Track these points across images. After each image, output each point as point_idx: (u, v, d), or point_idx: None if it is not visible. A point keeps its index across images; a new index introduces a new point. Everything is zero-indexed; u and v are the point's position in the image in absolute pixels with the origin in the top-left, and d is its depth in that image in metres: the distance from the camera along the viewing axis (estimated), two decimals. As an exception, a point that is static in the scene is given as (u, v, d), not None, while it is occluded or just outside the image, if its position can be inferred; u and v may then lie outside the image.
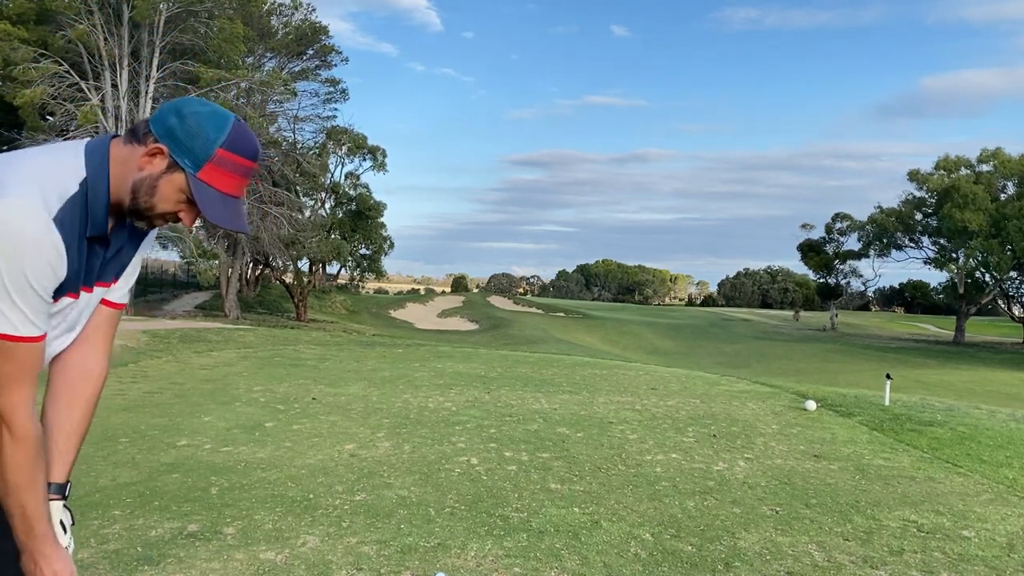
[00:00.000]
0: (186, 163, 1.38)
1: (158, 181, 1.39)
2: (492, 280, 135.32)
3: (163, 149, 1.37)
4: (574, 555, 3.47)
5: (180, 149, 1.37)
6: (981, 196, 44.65)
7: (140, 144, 1.38)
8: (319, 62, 33.50)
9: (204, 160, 1.38)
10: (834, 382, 19.05)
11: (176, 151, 1.37)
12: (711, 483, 4.85)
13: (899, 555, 3.64)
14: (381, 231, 38.81)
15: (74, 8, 22.38)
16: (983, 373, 32.06)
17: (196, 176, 1.38)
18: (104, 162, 1.39)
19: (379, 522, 3.81)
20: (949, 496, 4.75)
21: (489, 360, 12.76)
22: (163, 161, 1.38)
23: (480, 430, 6.26)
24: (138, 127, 1.40)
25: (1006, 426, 7.45)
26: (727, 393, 9.36)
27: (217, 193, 1.40)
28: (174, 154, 1.37)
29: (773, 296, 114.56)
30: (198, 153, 1.38)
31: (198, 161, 1.38)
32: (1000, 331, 59.08)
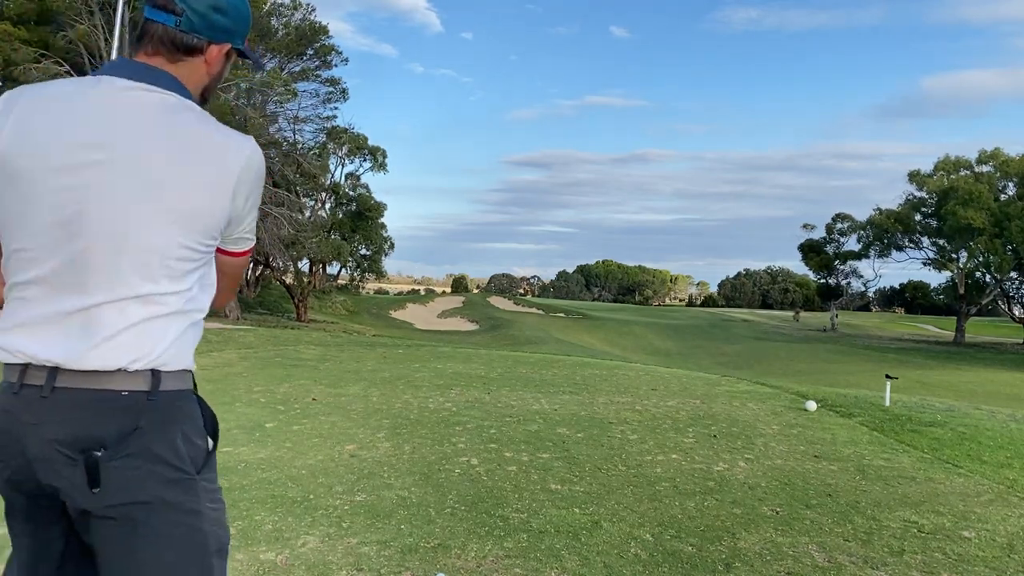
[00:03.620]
0: (238, 43, 1.57)
1: (225, 67, 1.58)
2: (492, 280, 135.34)
3: (229, 46, 1.54)
4: (574, 556, 3.47)
5: (238, 38, 1.56)
6: (984, 195, 44.67)
7: (199, 54, 1.49)
8: (319, 62, 33.51)
9: (248, 31, 1.60)
10: (834, 383, 19.06)
11: (237, 42, 1.56)
12: (711, 484, 4.85)
13: (899, 556, 3.64)
14: (381, 231, 38.83)
15: (75, 8, 22.40)
16: (984, 374, 32.05)
17: (246, 46, 1.60)
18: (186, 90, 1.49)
19: (379, 522, 3.81)
20: (950, 497, 4.74)
21: (489, 361, 12.76)
22: (225, 57, 1.55)
23: (480, 431, 6.26)
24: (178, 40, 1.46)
25: (1006, 427, 7.45)
26: (727, 394, 9.36)
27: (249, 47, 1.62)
28: (236, 45, 1.56)
29: (773, 297, 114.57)
30: (244, 30, 1.58)
31: (245, 35, 1.59)
32: (1000, 332, 59.07)
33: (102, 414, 1.37)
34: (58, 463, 1.36)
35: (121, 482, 1.36)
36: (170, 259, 1.40)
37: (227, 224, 1.47)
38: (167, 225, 1.38)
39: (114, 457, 1.36)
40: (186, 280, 1.44)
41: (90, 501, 1.36)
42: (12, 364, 1.39)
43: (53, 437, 1.35)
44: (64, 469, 1.36)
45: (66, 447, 1.35)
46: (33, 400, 1.37)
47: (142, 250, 1.38)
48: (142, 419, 1.38)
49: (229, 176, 1.42)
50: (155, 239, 1.38)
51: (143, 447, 1.38)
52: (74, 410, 1.36)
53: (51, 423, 1.36)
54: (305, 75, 33.25)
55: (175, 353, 1.43)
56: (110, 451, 1.35)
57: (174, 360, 1.43)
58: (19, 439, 1.37)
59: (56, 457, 1.36)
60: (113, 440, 1.36)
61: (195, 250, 1.43)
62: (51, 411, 1.36)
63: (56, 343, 1.37)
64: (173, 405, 1.44)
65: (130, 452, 1.37)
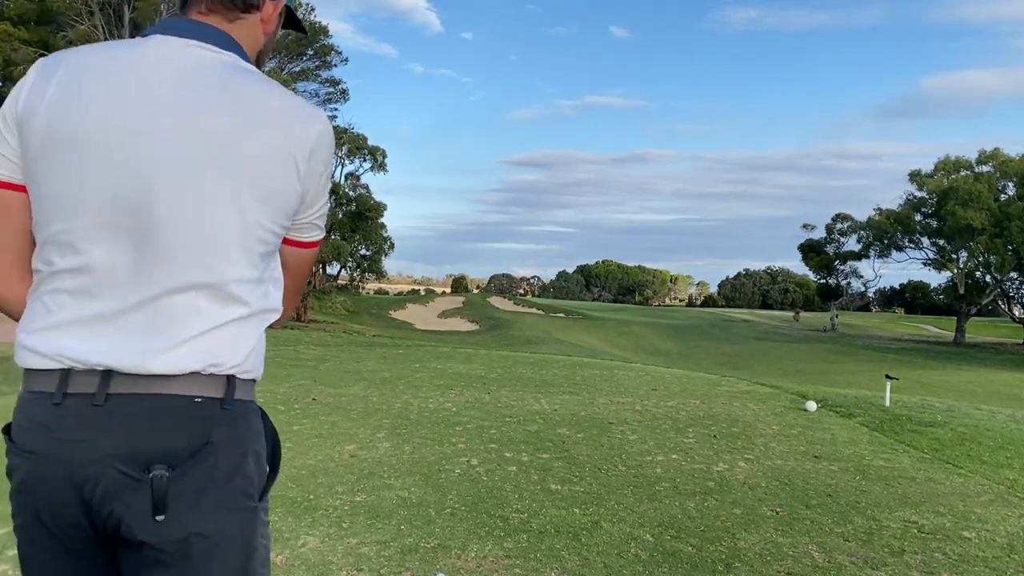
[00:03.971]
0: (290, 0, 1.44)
1: (279, 27, 1.42)
2: (492, 281, 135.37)
3: (283, 2, 1.40)
4: (574, 556, 3.47)
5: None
6: (984, 195, 44.68)
7: (255, 11, 1.33)
8: (319, 62, 33.55)
9: None
10: (834, 383, 19.06)
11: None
12: (711, 484, 4.84)
13: (899, 556, 3.64)
14: (381, 232, 38.83)
15: (75, 9, 22.41)
16: (984, 374, 32.06)
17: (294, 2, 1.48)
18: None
19: (379, 523, 3.81)
20: (949, 497, 4.74)
21: (489, 361, 12.76)
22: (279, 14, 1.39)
23: (480, 431, 6.26)
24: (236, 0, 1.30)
25: (1006, 427, 7.45)
26: (727, 394, 9.36)
27: None
28: (288, 2, 1.42)
29: (773, 297, 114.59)
30: None
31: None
32: (1000, 332, 59.08)
33: (170, 425, 1.15)
34: (117, 485, 1.12)
35: (187, 508, 1.15)
36: (247, 241, 1.20)
37: (299, 204, 1.27)
38: (241, 200, 1.18)
39: (183, 477, 1.14)
40: (261, 269, 1.24)
41: (150, 531, 1.13)
42: (47, 370, 1.15)
43: (111, 452, 1.12)
44: (124, 492, 1.13)
45: (127, 464, 1.12)
46: (83, 411, 1.13)
47: (215, 230, 1.17)
48: (214, 432, 1.17)
49: (302, 147, 1.23)
50: (230, 217, 1.17)
51: (213, 466, 1.17)
52: (137, 420, 1.14)
53: (108, 436, 1.13)
54: (305, 75, 33.28)
55: (253, 357, 1.24)
56: (179, 469, 1.14)
57: (251, 365, 1.23)
58: (63, 461, 1.13)
59: (115, 477, 1.12)
60: (182, 456, 1.14)
61: (271, 231, 1.23)
62: (106, 422, 1.13)
63: (111, 343, 1.15)
64: (245, 418, 1.23)
65: (199, 471, 1.15)
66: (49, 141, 1.15)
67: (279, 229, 1.25)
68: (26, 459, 1.16)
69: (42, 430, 1.15)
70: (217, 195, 1.16)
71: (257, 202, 1.19)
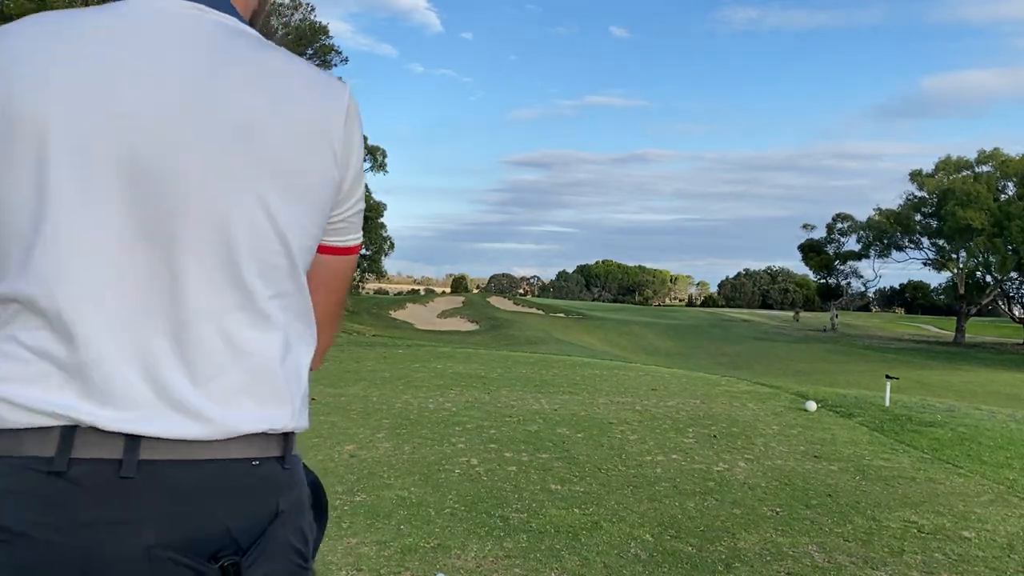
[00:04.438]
0: None
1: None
2: (492, 280, 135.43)
3: None
4: (574, 556, 3.47)
5: None
6: (983, 195, 44.71)
7: None
8: (319, 62, 33.53)
9: None
10: (834, 383, 19.06)
11: None
12: (711, 484, 4.84)
13: (899, 556, 3.64)
14: (381, 231, 38.87)
15: (74, 8, 22.41)
16: (984, 374, 32.06)
17: None
18: None
19: (379, 523, 3.80)
20: (949, 497, 4.74)
21: (489, 361, 12.76)
22: None
23: (480, 431, 6.26)
24: None
25: (1006, 427, 7.45)
26: (727, 394, 9.36)
27: None
28: None
29: (773, 297, 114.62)
30: None
31: None
32: (1001, 332, 59.08)
33: (231, 498, 0.88)
34: None
35: None
36: (291, 248, 0.93)
37: (336, 195, 0.99)
38: (278, 194, 0.90)
39: (258, 561, 0.87)
40: (304, 283, 0.98)
41: None
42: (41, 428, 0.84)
43: (156, 542, 0.83)
44: None
45: (186, 554, 0.83)
46: (104, 484, 0.83)
47: (254, 234, 0.89)
48: (281, 499, 0.92)
49: (332, 124, 0.97)
50: (267, 216, 0.90)
51: (283, 541, 0.91)
52: (186, 497, 0.85)
53: (148, 519, 0.83)
54: (305, 75, 33.21)
55: (306, 401, 0.99)
56: (252, 554, 0.87)
57: (305, 407, 0.99)
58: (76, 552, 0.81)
59: (164, 571, 0.83)
60: (248, 535, 0.88)
61: (312, 234, 0.97)
62: (140, 500, 0.83)
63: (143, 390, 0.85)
64: (300, 474, 0.99)
65: (271, 552, 0.89)
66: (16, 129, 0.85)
67: (319, 231, 0.99)
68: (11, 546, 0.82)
69: (37, 508, 0.82)
70: (254, 191, 0.89)
71: (297, 198, 0.93)
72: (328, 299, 1.08)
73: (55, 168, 0.84)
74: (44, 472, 0.82)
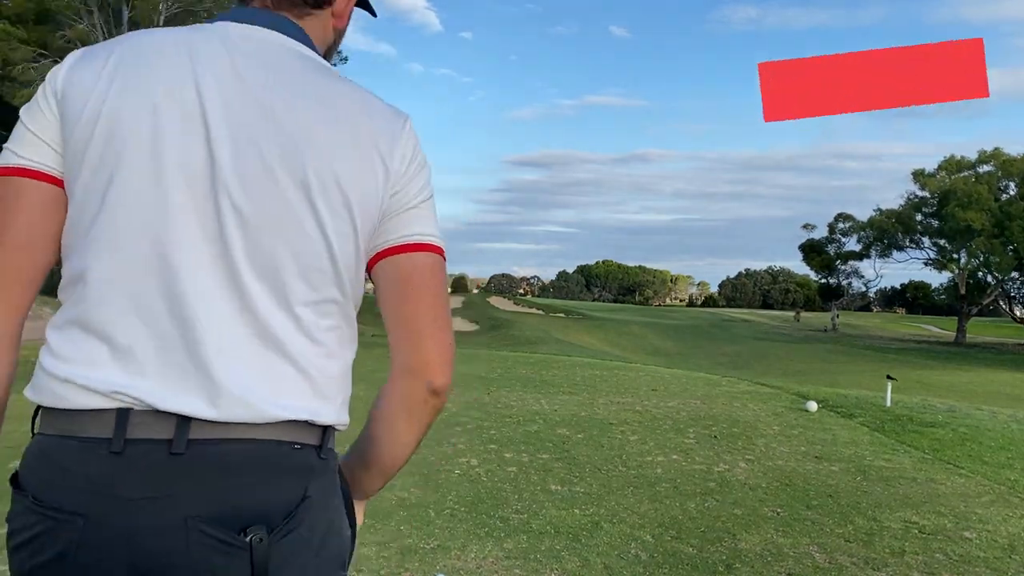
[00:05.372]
0: None
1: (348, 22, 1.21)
2: (492, 281, 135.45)
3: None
4: (574, 557, 3.46)
5: None
6: (984, 196, 44.70)
7: (326, 5, 1.12)
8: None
9: None
10: (835, 383, 19.04)
11: None
12: (712, 484, 4.83)
13: (900, 556, 3.63)
14: (381, 232, 38.86)
15: (73, 8, 22.42)
16: (985, 374, 32.04)
17: None
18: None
19: (379, 523, 3.80)
20: (950, 497, 4.73)
21: (489, 361, 12.75)
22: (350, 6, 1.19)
23: (480, 431, 6.25)
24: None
25: (1008, 427, 7.44)
26: (728, 394, 9.35)
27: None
28: None
29: (774, 297, 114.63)
30: None
31: None
32: (1002, 332, 59.08)
33: (266, 476, 0.94)
34: (201, 551, 0.89)
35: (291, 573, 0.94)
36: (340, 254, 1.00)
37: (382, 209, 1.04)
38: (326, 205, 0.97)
39: (282, 540, 0.93)
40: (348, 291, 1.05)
41: None
42: (99, 410, 0.91)
43: (195, 513, 0.89)
44: (211, 560, 0.90)
45: (218, 527, 0.90)
46: (154, 463, 0.90)
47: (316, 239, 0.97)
48: (311, 485, 0.97)
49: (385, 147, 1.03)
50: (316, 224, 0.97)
51: (310, 527, 0.96)
52: (226, 473, 0.92)
53: (190, 494, 0.90)
54: (305, 75, 33.25)
55: (344, 396, 1.06)
56: (278, 531, 0.93)
57: (344, 406, 1.06)
58: (125, 528, 0.89)
59: (198, 542, 0.89)
60: (279, 514, 0.93)
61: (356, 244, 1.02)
62: (186, 476, 0.90)
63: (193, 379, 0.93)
64: (335, 469, 1.04)
65: (297, 533, 0.95)
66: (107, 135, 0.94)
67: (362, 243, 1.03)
68: (67, 524, 0.89)
69: (89, 486, 0.90)
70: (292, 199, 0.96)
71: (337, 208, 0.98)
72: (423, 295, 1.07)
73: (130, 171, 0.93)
74: (104, 452, 0.90)
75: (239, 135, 0.96)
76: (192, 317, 0.93)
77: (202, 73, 0.97)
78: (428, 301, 1.08)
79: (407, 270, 1.07)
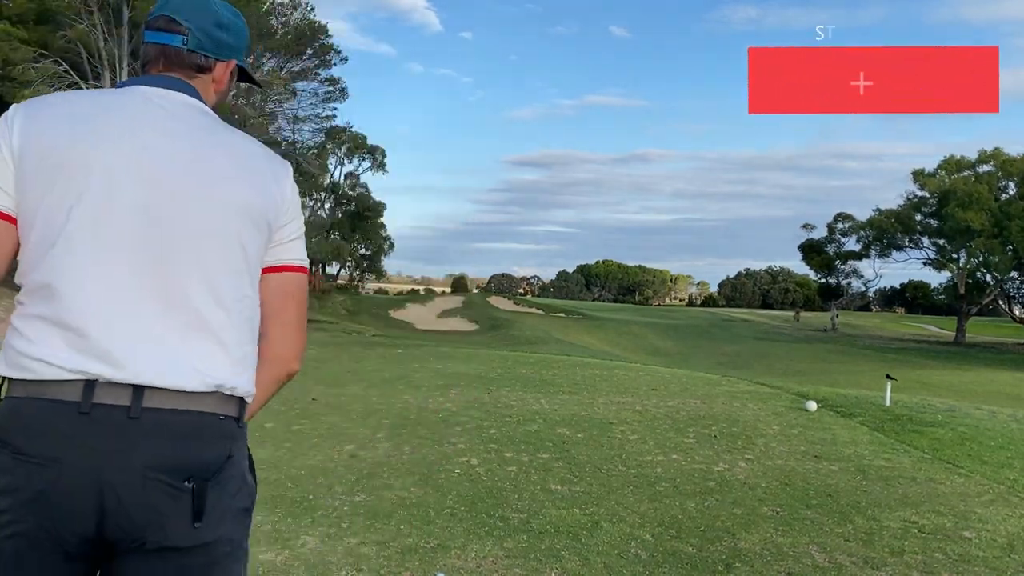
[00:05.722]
0: (240, 60, 1.53)
1: (230, 85, 1.53)
2: (492, 280, 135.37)
3: (234, 63, 1.51)
4: (574, 556, 3.46)
5: (240, 54, 1.53)
6: (984, 196, 44.68)
7: (208, 71, 1.45)
8: (318, 61, 33.52)
9: (248, 46, 1.58)
10: (835, 383, 19.04)
11: (239, 58, 1.53)
12: (712, 484, 4.84)
13: (900, 556, 3.63)
14: (381, 231, 38.90)
15: (74, 8, 22.40)
16: (984, 374, 32.05)
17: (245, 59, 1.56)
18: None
19: (379, 523, 3.80)
20: (950, 497, 4.74)
21: (489, 361, 12.75)
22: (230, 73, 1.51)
23: (480, 431, 6.25)
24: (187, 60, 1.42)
25: (1007, 427, 7.44)
26: (728, 394, 9.36)
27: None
28: (240, 62, 1.52)
29: (774, 296, 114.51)
30: (245, 46, 1.55)
31: (245, 52, 1.56)
32: (1001, 332, 59.04)
33: (204, 438, 1.24)
34: (155, 494, 1.18)
35: (216, 516, 1.24)
36: (248, 261, 1.33)
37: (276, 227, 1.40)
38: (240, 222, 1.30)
39: (215, 488, 1.23)
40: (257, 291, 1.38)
41: (187, 536, 1.21)
42: (68, 380, 1.18)
43: (150, 464, 1.18)
44: (162, 500, 1.19)
45: (167, 474, 1.19)
46: (115, 423, 1.18)
47: (229, 248, 1.30)
48: (234, 447, 1.29)
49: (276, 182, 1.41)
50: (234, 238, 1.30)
51: (230, 478, 1.27)
52: (173, 434, 1.21)
53: (146, 448, 1.18)
54: (304, 74, 33.25)
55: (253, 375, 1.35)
56: (212, 481, 1.23)
57: (253, 383, 1.35)
58: (91, 472, 1.16)
59: (153, 487, 1.18)
60: (212, 468, 1.24)
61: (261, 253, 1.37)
62: (143, 435, 1.19)
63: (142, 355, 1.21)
64: (246, 436, 1.36)
65: (223, 482, 1.25)
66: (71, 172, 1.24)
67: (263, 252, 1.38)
68: (45, 468, 1.16)
69: (63, 439, 1.17)
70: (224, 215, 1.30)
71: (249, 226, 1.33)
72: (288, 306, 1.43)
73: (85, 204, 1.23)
74: (72, 413, 1.17)
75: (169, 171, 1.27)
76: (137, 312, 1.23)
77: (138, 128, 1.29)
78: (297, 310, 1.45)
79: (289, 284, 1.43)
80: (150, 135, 1.29)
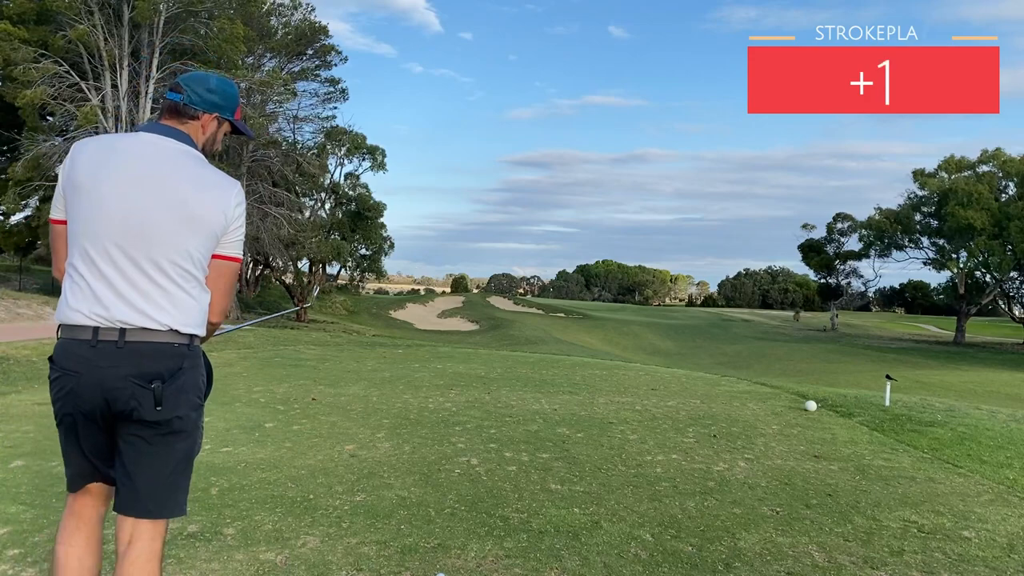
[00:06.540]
0: (226, 115, 2.32)
1: (218, 134, 2.35)
2: (492, 280, 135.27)
3: (217, 116, 2.30)
4: (574, 556, 3.47)
5: (226, 111, 2.32)
6: (985, 195, 44.68)
7: (195, 120, 2.25)
8: (319, 62, 33.52)
9: (236, 107, 2.35)
10: (834, 383, 19.05)
11: (224, 113, 2.31)
12: (711, 483, 4.84)
13: (899, 556, 3.64)
14: (381, 231, 38.81)
15: (74, 8, 22.38)
16: (984, 373, 32.06)
17: (235, 118, 2.36)
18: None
19: (379, 523, 3.80)
20: (949, 497, 4.74)
21: (489, 361, 12.76)
22: (216, 122, 2.31)
23: (480, 431, 6.25)
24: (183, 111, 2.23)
25: (1007, 427, 7.44)
26: (727, 394, 9.36)
27: (243, 122, 2.43)
28: (223, 115, 2.31)
29: (773, 296, 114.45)
30: (232, 105, 2.33)
31: (232, 109, 2.34)
32: (1001, 332, 59.05)
33: (161, 358, 2.08)
34: (133, 391, 2.05)
35: (172, 402, 2.09)
36: (194, 252, 2.12)
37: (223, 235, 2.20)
38: (189, 227, 2.11)
39: (169, 386, 2.08)
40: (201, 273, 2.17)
41: (153, 415, 2.07)
42: (86, 326, 2.04)
43: (128, 374, 2.04)
44: (138, 394, 2.05)
45: (139, 380, 2.05)
46: (110, 350, 2.04)
47: (180, 243, 2.09)
48: (184, 362, 2.13)
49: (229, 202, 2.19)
50: (186, 237, 2.10)
51: (184, 380, 2.12)
52: (142, 356, 2.06)
53: (125, 365, 2.04)
54: (304, 75, 33.25)
55: (201, 321, 2.18)
56: (168, 383, 2.08)
57: (200, 326, 2.18)
58: (98, 378, 2.04)
59: (130, 387, 2.04)
60: (168, 375, 2.08)
61: (207, 253, 2.17)
62: (124, 357, 2.04)
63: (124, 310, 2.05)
64: (198, 355, 2.21)
65: (176, 383, 2.10)
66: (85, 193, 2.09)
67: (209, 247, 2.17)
68: (72, 376, 2.06)
69: (83, 362, 2.05)
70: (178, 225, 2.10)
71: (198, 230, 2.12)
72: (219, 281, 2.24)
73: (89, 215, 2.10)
74: (88, 346, 2.06)
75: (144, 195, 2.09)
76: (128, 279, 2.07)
77: (132, 165, 2.12)
78: (225, 290, 2.27)
79: (224, 269, 2.24)
80: (140, 169, 2.10)
